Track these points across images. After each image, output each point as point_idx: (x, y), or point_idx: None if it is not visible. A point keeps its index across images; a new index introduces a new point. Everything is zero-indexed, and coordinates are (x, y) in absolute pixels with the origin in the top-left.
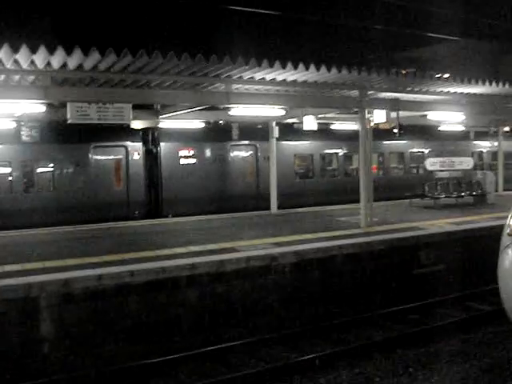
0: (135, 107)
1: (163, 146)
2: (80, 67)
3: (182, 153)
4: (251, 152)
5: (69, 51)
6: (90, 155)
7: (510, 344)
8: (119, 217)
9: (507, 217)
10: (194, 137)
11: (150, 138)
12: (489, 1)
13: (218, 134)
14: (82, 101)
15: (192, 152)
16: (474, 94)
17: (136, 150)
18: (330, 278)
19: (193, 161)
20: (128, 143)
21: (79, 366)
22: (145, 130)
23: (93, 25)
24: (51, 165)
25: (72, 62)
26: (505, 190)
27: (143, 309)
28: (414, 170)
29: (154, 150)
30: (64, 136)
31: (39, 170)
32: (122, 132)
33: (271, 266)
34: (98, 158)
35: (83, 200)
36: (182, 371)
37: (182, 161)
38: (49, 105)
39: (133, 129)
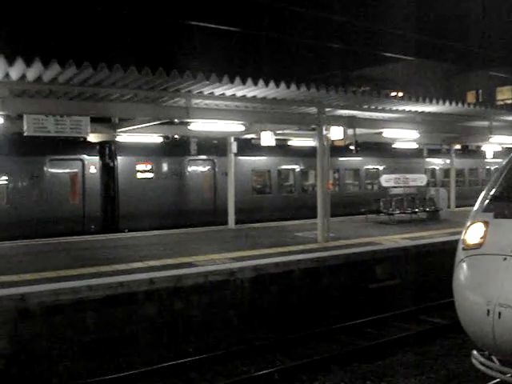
0: (93, 120)
1: (120, 159)
2: (39, 79)
3: (140, 167)
4: (209, 167)
5: (28, 63)
6: (45, 168)
7: (465, 356)
8: (75, 231)
9: (461, 232)
10: (151, 151)
11: (106, 151)
12: (442, 23)
13: (176, 148)
14: (39, 113)
15: (149, 166)
16: (428, 112)
17: (93, 163)
18: (288, 293)
19: (150, 175)
20: (84, 156)
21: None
22: (102, 144)
23: (54, 37)
24: (5, 178)
25: (31, 74)
26: (457, 206)
27: (101, 324)
28: (370, 187)
29: (111, 164)
30: (19, 148)
31: None
32: (79, 145)
33: (230, 280)
34: (54, 171)
35: (38, 214)
36: None
37: (140, 175)
38: (6, 116)
39: (90, 142)
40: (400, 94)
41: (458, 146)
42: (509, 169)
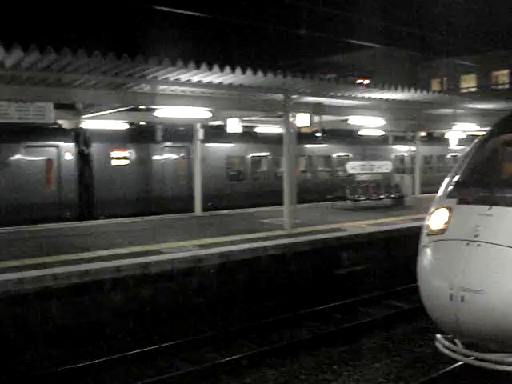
0: (58, 106)
1: (95, 146)
2: (1, 64)
3: (115, 154)
4: (184, 154)
5: None
6: (20, 155)
7: (429, 340)
8: (50, 218)
9: (424, 218)
10: (126, 138)
11: (82, 138)
12: (407, 10)
13: (151, 135)
14: (1, 99)
15: (125, 153)
16: (393, 99)
17: (68, 150)
18: (255, 279)
19: (125, 162)
20: (60, 143)
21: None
22: (77, 131)
23: (16, 21)
24: None
25: None
26: (423, 192)
27: (67, 313)
28: (340, 173)
29: (86, 151)
30: None
31: None
32: (54, 132)
33: (196, 267)
34: (30, 158)
35: (12, 200)
36: (108, 375)
37: (115, 162)
38: None
39: (65, 129)
40: (366, 82)
41: (422, 133)
42: (472, 156)
